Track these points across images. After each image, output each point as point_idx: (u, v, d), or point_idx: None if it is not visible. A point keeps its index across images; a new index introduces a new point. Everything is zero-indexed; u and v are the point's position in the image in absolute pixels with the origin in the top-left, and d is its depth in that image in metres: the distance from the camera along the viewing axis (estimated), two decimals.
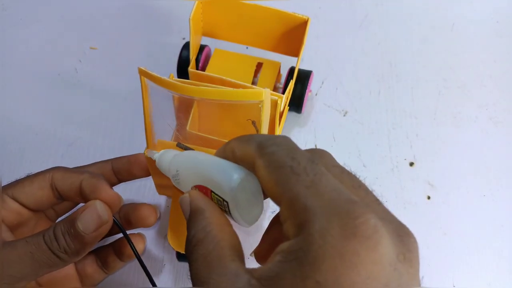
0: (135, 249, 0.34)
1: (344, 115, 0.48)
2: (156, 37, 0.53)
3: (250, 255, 0.27)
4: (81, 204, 0.33)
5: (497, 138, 0.47)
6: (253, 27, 0.42)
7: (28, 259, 0.29)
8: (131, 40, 0.53)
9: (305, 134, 0.47)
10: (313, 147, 0.46)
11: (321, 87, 0.49)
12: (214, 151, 0.33)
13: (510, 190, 0.44)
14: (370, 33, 0.53)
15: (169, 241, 0.35)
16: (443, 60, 0.52)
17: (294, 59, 0.43)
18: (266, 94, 0.28)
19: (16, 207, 0.32)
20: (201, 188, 0.26)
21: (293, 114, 0.47)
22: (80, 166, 0.36)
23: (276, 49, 0.44)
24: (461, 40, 0.53)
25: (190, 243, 0.24)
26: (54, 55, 0.52)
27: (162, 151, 0.31)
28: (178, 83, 0.28)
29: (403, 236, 0.20)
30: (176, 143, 0.34)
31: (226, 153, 0.26)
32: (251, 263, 0.24)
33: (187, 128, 0.39)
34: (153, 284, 0.35)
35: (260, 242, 0.27)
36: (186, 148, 0.33)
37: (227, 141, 0.35)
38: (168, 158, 0.30)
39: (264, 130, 0.31)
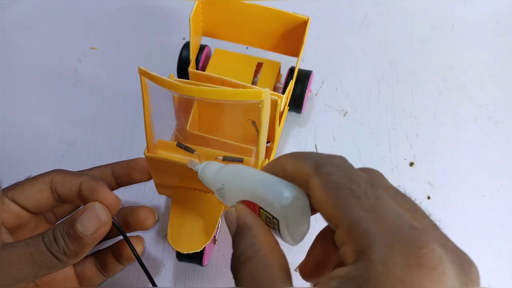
0: (135, 250, 0.34)
1: (344, 115, 0.48)
2: (156, 37, 0.53)
3: (295, 270, 0.27)
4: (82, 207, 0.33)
5: (497, 138, 0.47)
6: (253, 27, 0.42)
7: (27, 261, 0.29)
8: (131, 40, 0.53)
9: (305, 134, 0.47)
10: (313, 147, 0.46)
11: (321, 87, 0.49)
12: (216, 151, 0.33)
13: (510, 190, 0.44)
14: (370, 33, 0.53)
15: (169, 240, 0.35)
16: (443, 60, 0.52)
17: (294, 59, 0.43)
18: (266, 94, 0.28)
19: (16, 209, 0.33)
20: (248, 204, 0.25)
21: (293, 114, 0.47)
22: (81, 171, 0.36)
23: (276, 49, 0.44)
24: (461, 40, 0.53)
25: (237, 260, 0.23)
26: (54, 55, 0.52)
27: (205, 162, 0.30)
28: (178, 83, 0.29)
29: (464, 265, 0.20)
30: (176, 143, 0.34)
31: (276, 168, 0.25)
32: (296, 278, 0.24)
33: (187, 128, 0.39)
34: (154, 284, 0.35)
35: (306, 257, 0.27)
36: (186, 148, 0.33)
37: (227, 141, 0.35)
38: (212, 170, 0.29)
39: (264, 130, 0.31)
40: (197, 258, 0.37)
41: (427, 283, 0.18)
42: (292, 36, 0.42)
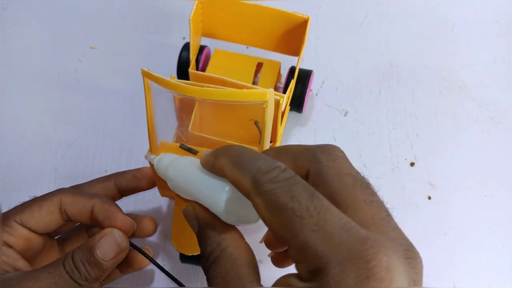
0: (158, 264, 0.35)
1: (345, 115, 0.48)
2: (156, 36, 0.53)
3: (260, 242, 0.28)
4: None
5: (497, 138, 0.47)
6: (254, 27, 0.42)
7: None
8: (131, 39, 0.53)
9: (305, 133, 0.47)
10: None
11: (321, 87, 0.49)
12: None
13: (511, 191, 0.44)
14: (371, 33, 0.53)
15: (174, 243, 0.35)
16: (444, 60, 0.51)
17: (293, 59, 0.43)
18: (270, 94, 0.28)
19: (25, 233, 0.33)
20: None
21: (294, 113, 0.47)
22: (82, 184, 0.36)
23: (276, 48, 0.44)
24: (461, 40, 0.53)
25: (206, 260, 0.24)
26: (54, 55, 0.51)
27: (161, 155, 0.31)
28: (183, 84, 0.28)
29: (411, 259, 0.20)
30: (179, 144, 0.34)
31: (216, 169, 0.25)
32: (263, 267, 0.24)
33: (189, 129, 0.39)
34: (181, 285, 0.36)
35: (268, 231, 0.27)
36: (190, 150, 0.33)
37: (229, 141, 0.35)
38: (164, 163, 0.30)
39: (268, 129, 0.31)
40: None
41: None
42: (292, 35, 0.42)
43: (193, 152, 0.34)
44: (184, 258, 0.38)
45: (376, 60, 0.51)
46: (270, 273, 0.27)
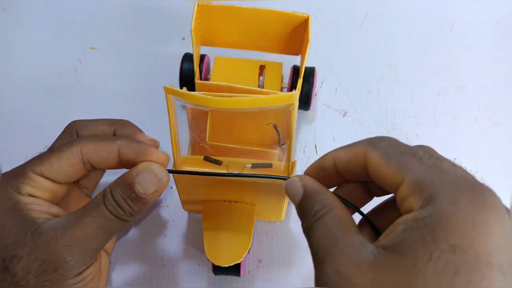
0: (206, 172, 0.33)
1: (344, 115, 0.48)
2: (156, 36, 0.53)
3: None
4: None
5: (496, 138, 0.47)
6: (254, 31, 0.42)
7: (101, 232, 0.30)
8: (131, 39, 0.53)
9: (305, 134, 0.47)
10: (313, 147, 0.46)
11: (320, 87, 0.50)
12: (243, 159, 0.35)
13: (510, 191, 0.44)
14: (370, 33, 0.53)
15: (208, 256, 0.36)
16: (442, 60, 0.52)
17: (292, 58, 0.44)
18: (296, 97, 0.29)
19: (49, 185, 0.31)
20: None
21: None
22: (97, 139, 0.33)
23: (278, 50, 0.44)
24: (460, 40, 0.53)
25: (312, 217, 0.26)
26: (54, 55, 0.52)
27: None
28: (210, 97, 0.28)
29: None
30: (202, 157, 0.34)
31: (325, 161, 0.29)
32: None
33: (207, 140, 0.39)
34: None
35: (311, 168, 0.30)
36: (216, 161, 0.34)
37: (248, 147, 0.37)
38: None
39: (294, 130, 0.32)
40: (234, 269, 0.37)
41: (493, 222, 0.21)
42: (293, 35, 0.42)
43: (218, 163, 0.34)
44: (217, 270, 0.38)
45: (375, 60, 0.52)
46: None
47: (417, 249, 0.21)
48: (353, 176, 0.29)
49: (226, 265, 0.35)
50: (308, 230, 0.26)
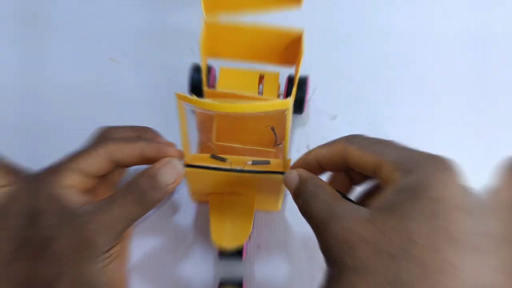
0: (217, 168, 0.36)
1: (333, 119, 0.51)
2: (168, 48, 0.55)
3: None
4: None
5: (483, 142, 0.49)
6: (255, 45, 0.44)
7: (124, 218, 0.33)
8: (146, 52, 0.55)
9: (298, 135, 0.50)
10: (305, 147, 0.50)
11: (312, 95, 0.53)
12: (244, 157, 0.38)
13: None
14: (354, 47, 0.56)
15: (213, 238, 0.38)
16: (422, 70, 0.55)
17: (287, 69, 0.46)
18: (290, 103, 0.32)
19: (81, 177, 0.34)
20: None
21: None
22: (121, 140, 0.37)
23: (276, 61, 0.46)
24: (439, 51, 0.56)
25: (308, 195, 0.30)
26: (79, 66, 0.53)
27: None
28: (218, 103, 0.31)
29: None
30: (208, 155, 0.37)
31: (309, 158, 0.33)
32: None
33: (214, 140, 0.41)
34: None
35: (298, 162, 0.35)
36: (221, 159, 0.37)
37: (250, 147, 0.40)
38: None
39: (289, 132, 0.34)
40: (237, 254, 0.40)
41: (453, 177, 0.27)
42: (289, 48, 0.44)
43: (223, 160, 0.38)
44: (222, 255, 0.41)
45: (363, 70, 0.54)
46: None
47: (406, 204, 0.26)
48: (334, 168, 0.34)
49: (230, 246, 0.38)
50: (306, 207, 0.30)
